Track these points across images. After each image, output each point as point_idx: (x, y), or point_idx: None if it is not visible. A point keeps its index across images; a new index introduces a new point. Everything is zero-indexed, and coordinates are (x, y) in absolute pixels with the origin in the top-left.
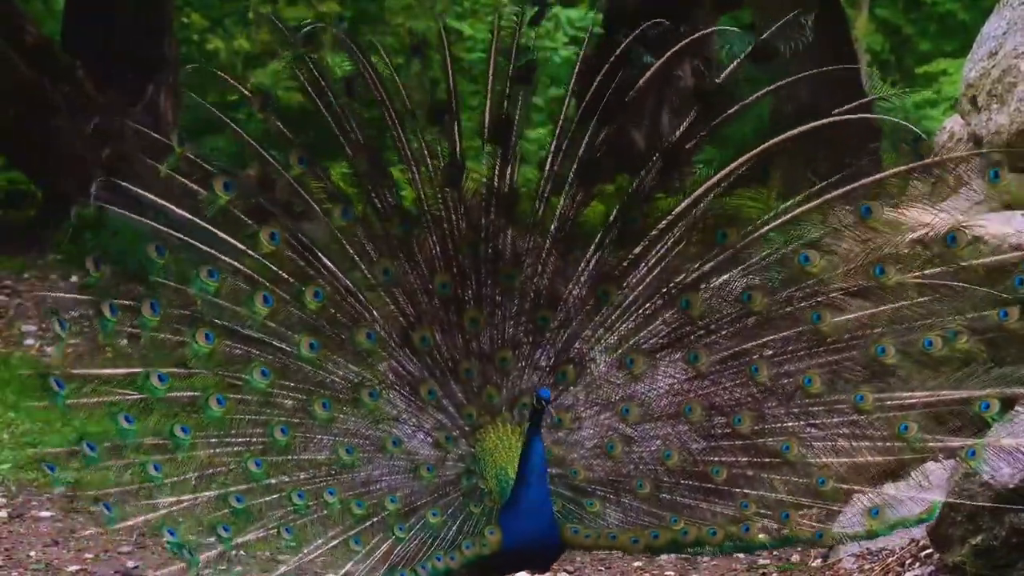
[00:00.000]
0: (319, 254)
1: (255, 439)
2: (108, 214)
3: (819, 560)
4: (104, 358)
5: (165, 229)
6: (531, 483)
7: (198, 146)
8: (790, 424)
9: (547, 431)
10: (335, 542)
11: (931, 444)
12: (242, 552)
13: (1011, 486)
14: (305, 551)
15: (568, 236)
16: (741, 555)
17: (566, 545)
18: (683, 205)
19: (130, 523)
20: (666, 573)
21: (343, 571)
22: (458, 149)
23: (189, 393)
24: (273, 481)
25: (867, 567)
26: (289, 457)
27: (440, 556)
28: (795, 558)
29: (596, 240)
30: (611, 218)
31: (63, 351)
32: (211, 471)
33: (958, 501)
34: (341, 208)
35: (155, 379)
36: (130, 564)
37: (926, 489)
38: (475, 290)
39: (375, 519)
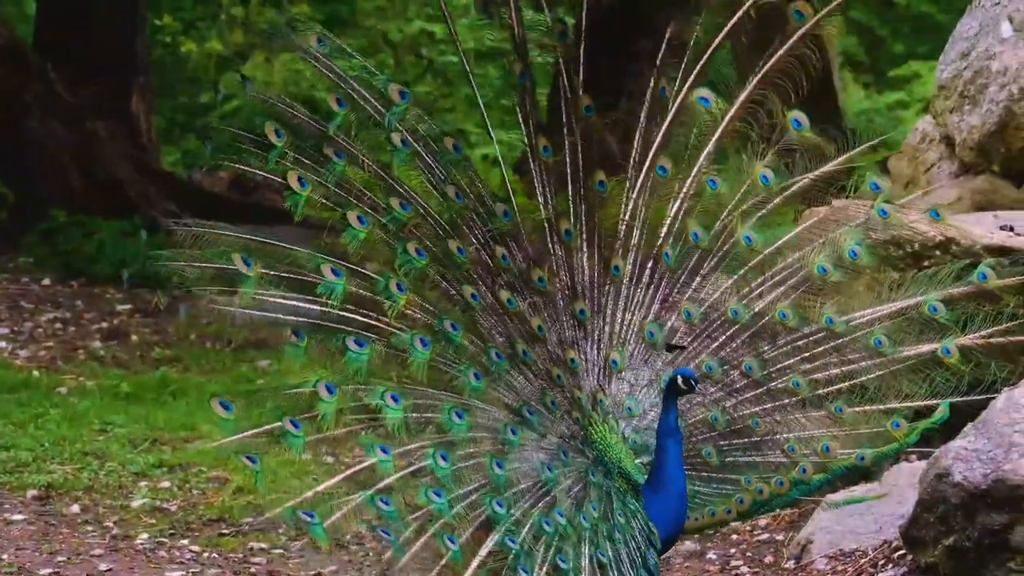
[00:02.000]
0: (425, 289)
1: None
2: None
3: (792, 562)
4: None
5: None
6: (676, 473)
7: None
8: (788, 362)
9: (625, 422)
10: (587, 556)
11: (907, 353)
12: None
13: (983, 487)
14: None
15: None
16: (714, 557)
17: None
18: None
19: None
20: None
21: None
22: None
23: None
24: (520, 512)
25: (840, 568)
26: (520, 486)
27: (652, 553)
28: (768, 559)
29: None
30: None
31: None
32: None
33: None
34: (414, 247)
35: (389, 399)
36: (102, 567)
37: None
38: (523, 297)
39: (590, 528)
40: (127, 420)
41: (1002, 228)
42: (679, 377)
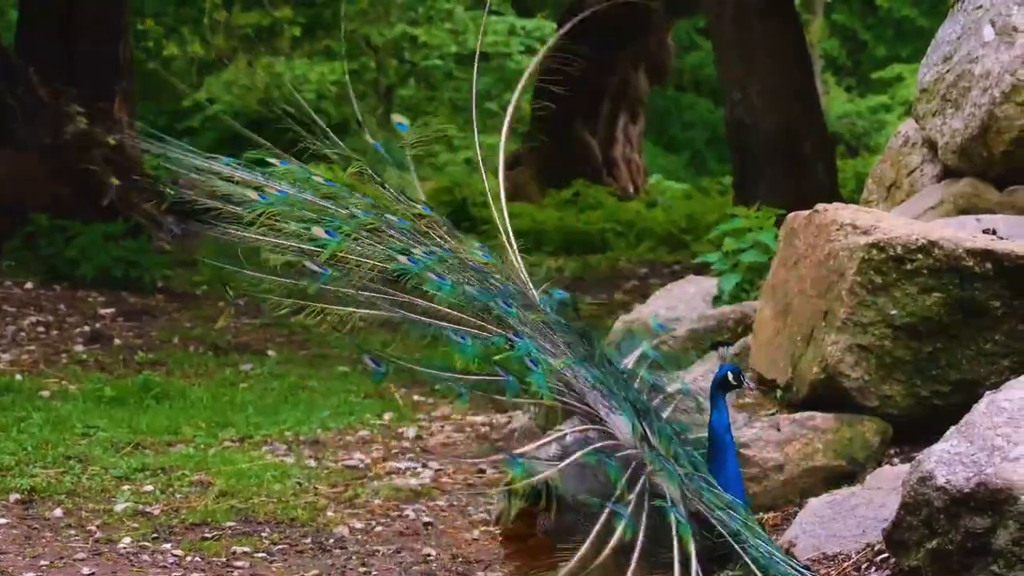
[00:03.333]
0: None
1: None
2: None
3: None
4: None
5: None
6: (736, 468)
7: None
8: (668, 410)
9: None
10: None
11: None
12: None
13: (966, 490)
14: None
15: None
16: None
17: None
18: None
19: None
20: None
21: None
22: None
23: None
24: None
25: (823, 571)
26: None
27: None
28: None
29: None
30: None
31: None
32: None
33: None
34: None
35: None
36: (85, 571)
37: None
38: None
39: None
40: (110, 424)
41: (985, 232)
42: (729, 373)
